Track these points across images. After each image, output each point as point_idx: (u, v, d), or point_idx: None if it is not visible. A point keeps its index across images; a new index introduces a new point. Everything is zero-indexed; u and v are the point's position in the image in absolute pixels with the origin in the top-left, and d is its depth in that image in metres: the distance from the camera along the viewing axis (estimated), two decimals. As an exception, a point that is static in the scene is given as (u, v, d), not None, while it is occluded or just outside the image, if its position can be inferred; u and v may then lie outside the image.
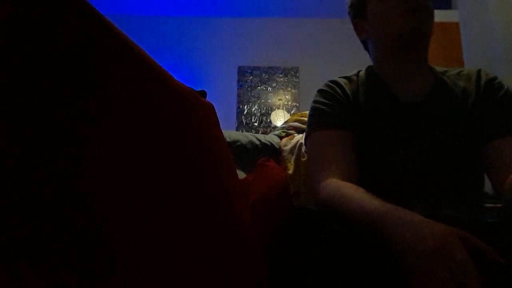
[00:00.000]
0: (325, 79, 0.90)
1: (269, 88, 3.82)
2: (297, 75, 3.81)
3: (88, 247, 0.29)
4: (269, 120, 3.74)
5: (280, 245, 0.59)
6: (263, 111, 3.78)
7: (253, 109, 3.78)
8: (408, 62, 0.83)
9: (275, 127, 3.51)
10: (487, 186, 0.81)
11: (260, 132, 3.61)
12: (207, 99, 0.57)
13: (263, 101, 3.80)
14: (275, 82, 3.83)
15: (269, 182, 0.74)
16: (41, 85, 0.29)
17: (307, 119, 0.88)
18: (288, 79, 3.82)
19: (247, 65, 3.85)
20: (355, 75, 0.90)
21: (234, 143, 1.25)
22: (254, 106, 3.79)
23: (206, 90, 0.62)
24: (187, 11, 3.87)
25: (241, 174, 1.10)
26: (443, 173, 0.77)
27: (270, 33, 3.91)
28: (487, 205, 0.94)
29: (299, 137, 1.26)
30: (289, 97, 3.79)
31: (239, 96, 3.80)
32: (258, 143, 1.28)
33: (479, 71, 0.84)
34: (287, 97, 3.80)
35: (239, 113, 3.76)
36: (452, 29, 2.59)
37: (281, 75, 3.83)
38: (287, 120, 1.50)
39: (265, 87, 3.82)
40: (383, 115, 0.81)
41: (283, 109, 3.75)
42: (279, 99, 3.80)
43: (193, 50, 3.87)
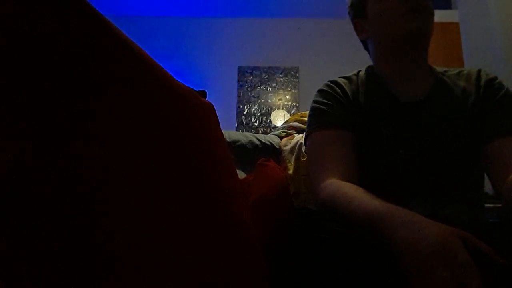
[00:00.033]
0: (325, 79, 0.90)
1: (269, 88, 3.82)
2: (297, 75, 3.81)
3: (88, 247, 0.29)
4: (269, 120, 3.74)
5: (280, 245, 0.59)
6: (263, 111, 3.78)
7: (253, 109, 3.78)
8: (408, 62, 0.83)
9: (275, 127, 3.51)
10: (487, 186, 0.81)
11: (260, 132, 3.61)
12: (207, 99, 0.57)
13: (263, 101, 3.80)
14: (275, 82, 3.83)
15: (269, 182, 0.74)
16: (41, 85, 0.29)
17: (307, 119, 0.88)
18: (288, 79, 3.82)
19: (247, 65, 3.85)
20: (355, 75, 0.90)
21: (234, 143, 1.25)
22: (254, 106, 3.79)
23: (206, 90, 0.62)
24: (187, 11, 3.87)
25: (241, 174, 1.10)
26: (443, 173, 0.77)
27: (270, 33, 3.91)
28: (487, 205, 0.94)
29: (299, 137, 1.26)
30: (289, 97, 3.79)
31: (239, 96, 3.80)
32: (258, 143, 1.28)
33: (479, 71, 0.84)
34: (287, 97, 3.80)
35: (239, 113, 3.76)
36: (452, 29, 2.59)
37: (281, 75, 3.83)
38: (287, 120, 1.50)
39: (265, 87, 3.82)
40: (383, 115, 0.81)
41: (283, 109, 3.75)
42: (279, 99, 3.80)
43: (193, 50, 3.87)
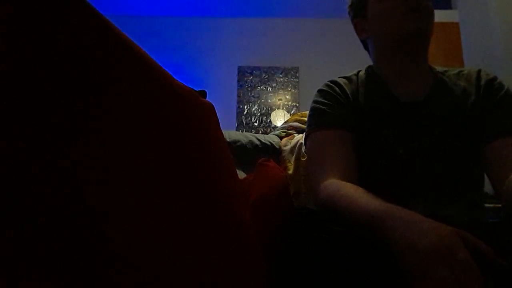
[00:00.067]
0: (325, 79, 0.90)
1: (269, 88, 3.82)
2: (297, 75, 3.82)
3: (88, 247, 0.29)
4: (269, 120, 3.75)
5: (280, 245, 0.59)
6: (263, 111, 3.78)
7: (253, 109, 3.78)
8: (408, 62, 0.83)
9: (275, 127, 3.51)
10: (487, 186, 0.81)
11: (260, 132, 3.61)
12: (207, 99, 0.57)
13: (263, 101, 3.80)
14: (275, 82, 3.83)
15: (269, 182, 0.74)
16: (40, 85, 0.29)
17: (307, 119, 0.88)
18: (288, 79, 3.83)
19: (247, 65, 3.86)
20: (355, 75, 0.90)
21: (234, 143, 1.25)
22: (254, 106, 3.79)
23: (206, 90, 0.62)
24: (187, 11, 3.87)
25: (241, 174, 1.10)
26: (443, 173, 0.77)
27: (270, 33, 3.91)
28: (487, 205, 0.94)
29: (299, 137, 1.26)
30: (289, 97, 3.80)
31: (239, 96, 3.80)
32: (258, 143, 1.28)
33: (479, 71, 0.84)
34: (287, 97, 3.80)
35: (239, 113, 3.76)
36: (452, 29, 2.59)
37: (281, 75, 3.83)
38: (287, 120, 1.50)
39: (265, 87, 3.83)
40: (383, 115, 0.81)
41: (283, 109, 3.75)
42: (279, 99, 3.80)
43: (193, 50, 3.87)
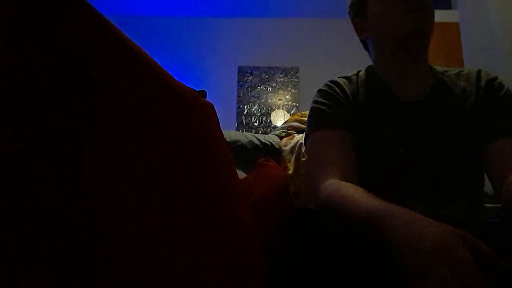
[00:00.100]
0: (325, 79, 0.90)
1: (269, 88, 3.82)
2: (297, 75, 3.82)
3: (88, 247, 0.29)
4: (269, 120, 3.74)
5: (280, 245, 0.59)
6: (263, 111, 3.78)
7: (253, 109, 3.78)
8: (408, 62, 0.83)
9: (275, 127, 3.51)
10: (487, 186, 0.81)
11: (260, 132, 3.61)
12: (207, 99, 0.57)
13: (263, 101, 3.80)
14: (275, 82, 3.83)
15: (269, 182, 0.74)
16: (40, 85, 0.29)
17: (307, 119, 0.88)
18: (288, 79, 3.82)
19: (247, 65, 3.85)
20: (354, 75, 0.90)
21: (234, 143, 1.25)
22: (254, 106, 3.79)
23: (206, 90, 0.62)
24: (187, 11, 3.87)
25: (241, 174, 1.10)
26: (443, 173, 0.77)
27: (270, 33, 3.91)
28: (487, 205, 0.94)
29: (299, 137, 1.26)
30: (289, 97, 3.79)
31: (239, 96, 3.80)
32: (258, 143, 1.28)
33: (479, 71, 0.84)
34: (287, 97, 3.80)
35: (239, 113, 3.76)
36: (452, 29, 2.59)
37: (281, 75, 3.83)
38: (287, 120, 1.50)
39: (265, 87, 3.83)
40: (383, 115, 0.81)
41: (283, 109, 3.75)
42: (279, 99, 3.80)
43: (193, 50, 3.87)
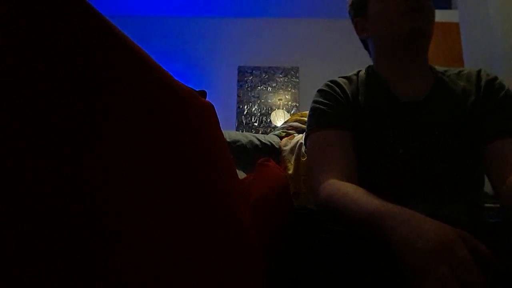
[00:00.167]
0: (325, 79, 0.90)
1: (269, 88, 3.82)
2: (297, 75, 3.82)
3: (88, 247, 0.29)
4: (269, 120, 3.74)
5: (280, 245, 0.59)
6: (263, 111, 3.78)
7: (253, 109, 3.78)
8: (408, 62, 0.83)
9: (275, 127, 3.51)
10: (487, 186, 0.81)
11: (260, 132, 3.61)
12: (207, 99, 0.57)
13: (263, 101, 3.80)
14: (275, 82, 3.83)
15: (269, 182, 0.74)
16: (40, 85, 0.29)
17: (307, 119, 0.88)
18: (288, 79, 3.82)
19: (247, 65, 3.86)
20: (355, 75, 0.90)
21: (234, 143, 1.25)
22: (254, 106, 3.79)
23: (206, 90, 0.62)
24: (187, 11, 3.87)
25: (241, 174, 1.10)
26: (443, 173, 0.77)
27: (270, 33, 3.91)
28: (487, 205, 0.94)
29: (299, 137, 1.26)
30: (289, 97, 3.79)
31: (239, 96, 3.80)
32: (258, 143, 1.28)
33: (480, 71, 0.84)
34: (287, 97, 3.80)
35: (239, 113, 3.76)
36: (452, 29, 2.59)
37: (281, 75, 3.83)
38: (287, 120, 1.50)
39: (265, 87, 3.83)
40: (383, 115, 0.81)
41: (283, 109, 3.75)
42: (279, 99, 3.80)
43: (193, 50, 3.87)
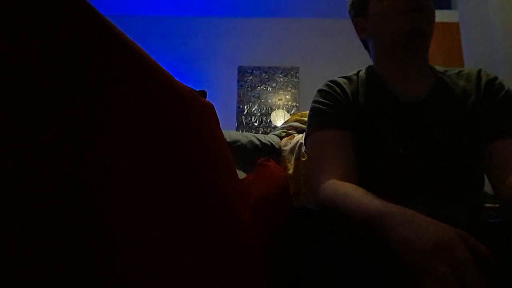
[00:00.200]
0: (325, 79, 0.90)
1: (269, 88, 3.82)
2: (297, 75, 3.82)
3: (88, 247, 0.29)
4: (269, 120, 3.74)
5: (280, 245, 0.59)
6: (263, 111, 3.78)
7: (253, 109, 3.78)
8: (408, 61, 0.83)
9: (275, 127, 3.51)
10: (487, 186, 0.81)
11: (260, 132, 3.61)
12: (207, 99, 0.57)
13: (263, 101, 3.80)
14: (275, 82, 3.83)
15: (269, 182, 0.74)
16: (40, 85, 0.29)
17: (307, 119, 0.87)
18: (288, 79, 3.82)
19: (247, 65, 3.85)
20: (355, 75, 0.90)
21: (234, 143, 1.25)
22: (254, 106, 3.79)
23: (206, 90, 0.62)
24: (187, 11, 3.87)
25: (241, 174, 1.10)
26: (443, 173, 0.77)
27: (270, 33, 3.91)
28: (487, 205, 0.94)
29: (299, 137, 1.26)
30: (289, 97, 3.79)
31: (239, 96, 3.80)
32: (258, 143, 1.28)
33: (480, 71, 0.84)
34: (287, 97, 3.80)
35: (239, 113, 3.76)
36: (452, 29, 2.59)
37: (281, 75, 3.83)
38: (287, 120, 1.50)
39: (265, 87, 3.82)
40: (383, 115, 0.81)
41: (283, 109, 3.75)
42: (279, 99, 3.80)
43: (193, 50, 3.87)
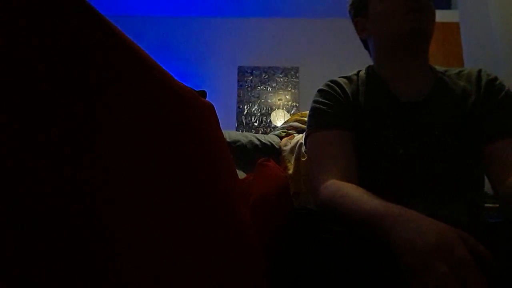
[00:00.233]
0: (325, 79, 0.90)
1: (269, 88, 3.82)
2: (297, 75, 3.82)
3: (87, 247, 0.29)
4: (269, 120, 3.74)
5: (280, 245, 0.59)
6: (263, 111, 3.78)
7: (253, 109, 3.78)
8: (408, 61, 0.83)
9: (275, 127, 3.51)
10: (487, 186, 0.81)
11: (260, 132, 3.61)
12: (207, 99, 0.57)
13: (263, 101, 3.80)
14: (275, 82, 3.83)
15: (269, 182, 0.74)
16: (40, 86, 0.29)
17: (307, 119, 0.87)
18: (288, 79, 3.82)
19: (247, 65, 3.85)
20: (355, 75, 0.90)
21: (234, 143, 1.25)
22: (254, 106, 3.79)
23: (206, 90, 0.62)
24: (187, 11, 3.87)
25: (241, 174, 1.10)
26: (443, 173, 0.77)
27: (270, 33, 3.91)
28: (487, 205, 0.94)
29: (299, 137, 1.26)
30: (289, 97, 3.79)
31: (239, 96, 3.80)
32: (258, 143, 1.28)
33: (480, 71, 0.84)
34: (287, 97, 3.80)
35: (239, 113, 3.76)
36: (452, 29, 2.59)
37: (281, 75, 3.83)
38: (287, 120, 1.50)
39: (265, 87, 3.83)
40: (383, 115, 0.81)
41: (283, 109, 3.75)
42: (279, 99, 3.80)
43: (193, 50, 3.87)
